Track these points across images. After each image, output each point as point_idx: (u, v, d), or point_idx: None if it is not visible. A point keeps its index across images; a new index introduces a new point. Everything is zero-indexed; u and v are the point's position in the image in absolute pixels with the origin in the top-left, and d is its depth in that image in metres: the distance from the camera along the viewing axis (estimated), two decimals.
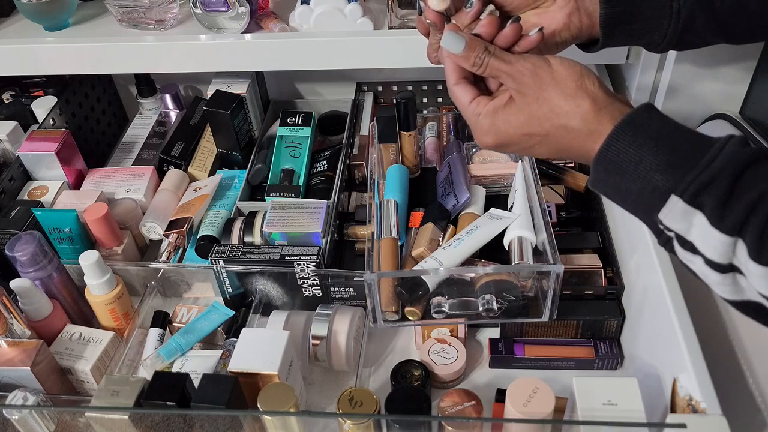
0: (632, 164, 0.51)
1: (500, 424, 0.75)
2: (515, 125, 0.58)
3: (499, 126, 0.59)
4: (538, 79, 0.57)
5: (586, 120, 0.55)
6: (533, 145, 0.59)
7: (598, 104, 0.55)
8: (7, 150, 1.07)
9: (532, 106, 0.57)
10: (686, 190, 0.48)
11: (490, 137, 0.60)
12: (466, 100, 0.61)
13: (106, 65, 0.99)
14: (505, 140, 0.59)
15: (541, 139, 0.58)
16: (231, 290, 0.90)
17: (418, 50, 0.92)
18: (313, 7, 0.92)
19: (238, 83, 1.09)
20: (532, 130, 0.58)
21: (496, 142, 0.60)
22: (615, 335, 0.84)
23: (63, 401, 0.79)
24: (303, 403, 0.79)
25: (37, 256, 0.81)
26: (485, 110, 0.60)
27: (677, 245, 0.52)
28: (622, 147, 0.52)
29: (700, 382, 0.61)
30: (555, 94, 0.56)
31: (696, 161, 0.49)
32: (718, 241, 0.48)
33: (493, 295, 0.78)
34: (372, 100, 1.18)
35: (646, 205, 0.52)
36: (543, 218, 0.79)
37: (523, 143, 0.59)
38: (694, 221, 0.49)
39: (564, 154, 0.59)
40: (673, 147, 0.50)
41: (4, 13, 1.04)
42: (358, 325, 0.85)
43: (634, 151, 0.51)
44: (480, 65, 0.59)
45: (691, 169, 0.49)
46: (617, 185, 0.53)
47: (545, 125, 0.57)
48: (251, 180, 1.03)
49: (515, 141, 0.59)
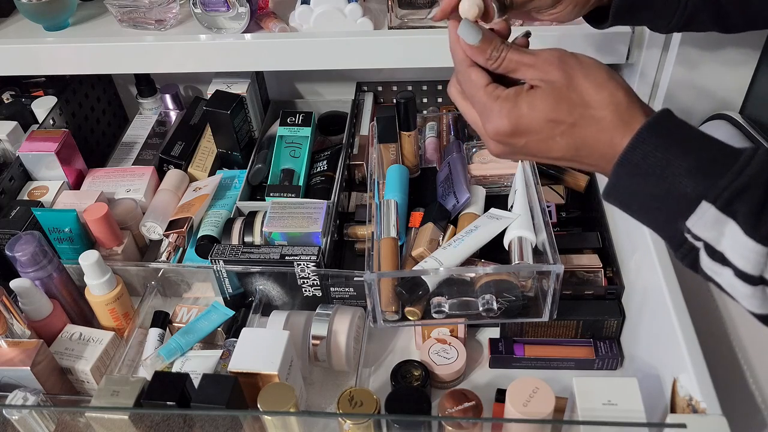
0: (658, 168, 0.48)
1: (500, 424, 0.75)
2: (541, 109, 0.53)
3: (521, 109, 0.54)
4: (567, 66, 0.53)
5: (619, 111, 0.51)
6: (554, 137, 0.54)
7: (630, 97, 0.52)
8: (7, 150, 1.07)
9: (563, 91, 0.53)
10: (719, 197, 0.45)
11: (505, 122, 0.54)
12: (482, 82, 0.56)
13: (106, 65, 0.99)
14: (523, 126, 0.54)
15: (565, 129, 0.53)
16: (231, 290, 0.90)
17: (418, 50, 0.93)
18: (313, 7, 0.92)
19: (238, 83, 1.09)
20: (559, 116, 0.53)
21: (512, 129, 0.55)
22: (615, 335, 0.84)
23: (63, 401, 0.79)
24: (303, 403, 0.79)
25: (37, 256, 0.81)
26: (506, 93, 0.55)
27: (704, 256, 0.48)
28: (649, 149, 0.49)
29: (700, 382, 0.61)
30: (586, 83, 0.53)
31: (727, 167, 0.46)
32: (751, 251, 0.45)
33: (493, 295, 0.78)
34: (372, 100, 1.18)
35: (671, 212, 0.48)
36: (543, 218, 0.79)
37: (545, 132, 0.54)
38: (725, 230, 0.46)
39: (583, 152, 0.53)
40: (701, 152, 0.48)
41: (4, 13, 1.04)
42: (358, 325, 0.85)
43: (661, 154, 0.48)
44: (497, 58, 0.56)
45: (723, 175, 0.46)
46: (638, 191, 0.50)
47: (575, 113, 0.52)
48: (251, 180, 1.03)
49: (535, 129, 0.54)
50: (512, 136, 0.55)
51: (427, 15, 0.63)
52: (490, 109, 0.56)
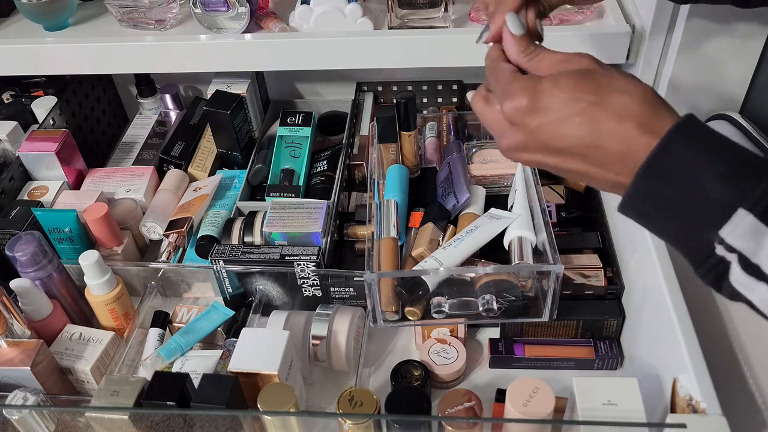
0: (687, 172, 0.44)
1: (500, 424, 0.75)
2: (563, 86, 0.50)
3: (543, 85, 0.51)
4: (599, 62, 0.52)
5: (647, 103, 0.48)
6: (572, 116, 0.49)
7: (657, 96, 0.49)
8: (7, 150, 1.07)
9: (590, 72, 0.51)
10: (758, 203, 0.42)
11: (524, 97, 0.52)
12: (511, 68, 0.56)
13: (106, 65, 0.99)
14: (543, 103, 0.51)
15: (585, 108, 0.49)
16: (231, 290, 0.90)
17: (418, 50, 0.93)
18: (313, 7, 0.92)
19: (238, 83, 1.09)
20: (581, 94, 0.49)
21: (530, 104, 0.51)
22: (615, 335, 0.84)
23: (63, 401, 0.79)
24: (303, 403, 0.79)
25: (37, 256, 0.81)
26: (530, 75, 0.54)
27: (737, 269, 0.44)
28: (677, 152, 0.45)
29: (700, 382, 0.61)
30: (616, 73, 0.50)
31: (763, 173, 0.43)
32: None
33: (493, 295, 0.78)
34: (372, 100, 1.18)
35: (699, 221, 0.45)
36: (543, 218, 0.79)
37: (564, 110, 0.50)
38: (764, 240, 0.42)
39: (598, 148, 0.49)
40: (734, 157, 0.44)
41: (4, 13, 1.04)
42: (358, 325, 0.85)
43: (690, 158, 0.44)
44: (531, 53, 0.56)
45: (762, 181, 0.42)
46: (662, 199, 0.46)
47: (599, 92, 0.49)
48: (251, 180, 1.03)
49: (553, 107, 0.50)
50: (529, 112, 0.51)
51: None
52: (512, 88, 0.53)
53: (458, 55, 0.92)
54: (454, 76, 1.15)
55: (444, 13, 0.91)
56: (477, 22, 0.93)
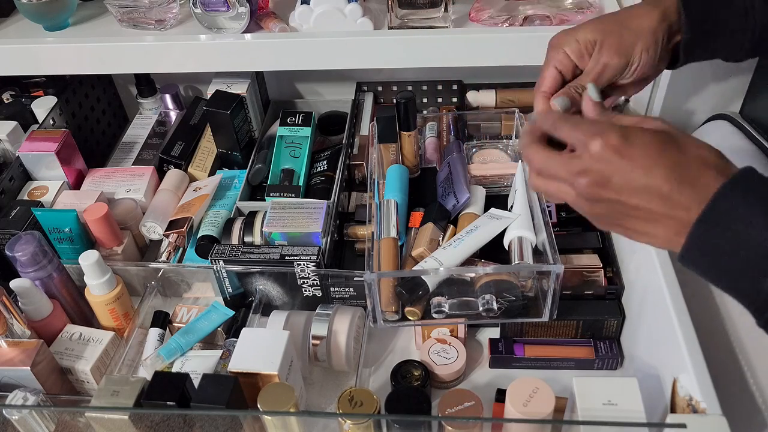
0: (743, 224, 0.46)
1: (500, 424, 0.75)
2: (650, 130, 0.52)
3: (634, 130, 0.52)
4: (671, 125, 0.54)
5: (722, 156, 0.51)
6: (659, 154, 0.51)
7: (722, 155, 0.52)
8: (7, 150, 1.07)
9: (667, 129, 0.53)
10: None
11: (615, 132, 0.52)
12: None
13: (106, 65, 0.99)
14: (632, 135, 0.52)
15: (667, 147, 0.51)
16: (231, 290, 0.90)
17: (418, 50, 0.93)
18: (313, 7, 0.92)
19: (238, 83, 1.09)
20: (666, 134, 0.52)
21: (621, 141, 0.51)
22: (615, 335, 0.84)
23: (63, 401, 0.79)
24: (303, 403, 0.79)
25: (37, 256, 0.81)
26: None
27: None
28: (736, 203, 0.47)
29: (700, 382, 0.61)
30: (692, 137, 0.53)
31: None
32: None
33: (493, 295, 0.78)
34: (372, 100, 1.18)
35: (759, 269, 0.46)
36: (543, 218, 0.79)
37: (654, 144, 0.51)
38: None
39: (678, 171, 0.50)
40: None
41: (4, 13, 1.04)
42: (358, 325, 0.85)
43: (744, 210, 0.47)
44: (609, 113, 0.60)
45: None
46: (720, 251, 0.48)
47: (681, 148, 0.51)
48: (251, 180, 1.03)
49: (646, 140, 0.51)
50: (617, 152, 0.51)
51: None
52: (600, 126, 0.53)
53: (458, 55, 0.92)
54: (454, 76, 1.15)
55: (444, 13, 0.91)
56: (477, 22, 0.93)
